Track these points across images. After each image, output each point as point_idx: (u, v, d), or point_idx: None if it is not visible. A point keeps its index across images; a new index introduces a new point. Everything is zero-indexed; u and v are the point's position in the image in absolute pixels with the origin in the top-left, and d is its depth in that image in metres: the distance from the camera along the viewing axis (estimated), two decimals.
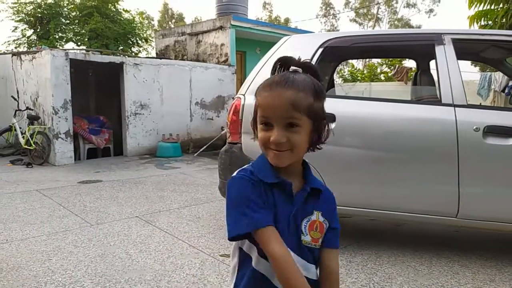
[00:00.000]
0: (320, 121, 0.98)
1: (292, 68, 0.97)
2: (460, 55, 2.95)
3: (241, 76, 10.78)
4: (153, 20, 37.75)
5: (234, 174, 1.00)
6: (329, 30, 34.57)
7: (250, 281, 0.99)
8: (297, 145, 0.94)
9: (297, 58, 1.00)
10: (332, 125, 2.83)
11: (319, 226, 1.00)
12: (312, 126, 0.96)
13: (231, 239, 0.94)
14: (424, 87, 3.72)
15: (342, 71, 22.19)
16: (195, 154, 8.34)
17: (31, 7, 12.40)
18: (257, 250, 0.98)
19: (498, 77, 10.29)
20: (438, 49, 2.86)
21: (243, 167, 1.02)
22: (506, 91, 9.38)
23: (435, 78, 3.13)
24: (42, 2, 12.38)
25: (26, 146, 7.16)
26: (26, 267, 2.75)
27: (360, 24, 35.65)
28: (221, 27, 10.02)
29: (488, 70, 12.13)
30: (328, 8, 37.60)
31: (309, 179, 1.01)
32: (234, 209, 0.94)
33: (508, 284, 2.55)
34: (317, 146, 1.01)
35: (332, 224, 1.03)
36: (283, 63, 0.99)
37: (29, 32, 12.92)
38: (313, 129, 0.97)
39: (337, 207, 1.08)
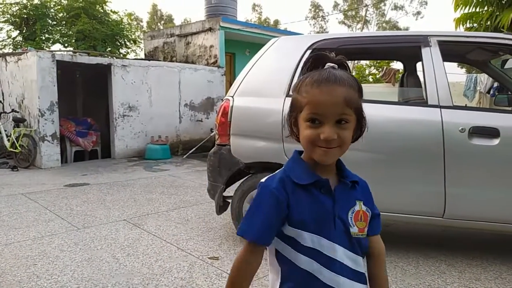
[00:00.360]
0: (362, 116, 0.99)
1: (329, 64, 0.96)
2: (446, 57, 2.99)
3: (231, 78, 10.77)
4: (142, 22, 37.57)
5: (263, 180, 1.01)
6: (318, 32, 34.77)
7: (300, 283, 0.98)
8: (345, 141, 0.95)
9: (331, 55, 0.99)
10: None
11: (363, 215, 1.02)
12: (356, 121, 0.97)
13: (239, 234, 1.00)
14: (410, 89, 3.76)
15: None
16: (184, 156, 8.30)
17: (17, 8, 12.21)
18: (292, 246, 0.98)
19: (484, 79, 10.48)
20: (424, 51, 2.89)
21: (275, 172, 1.02)
22: (491, 92, 9.55)
23: (422, 79, 3.16)
24: (28, 3, 12.20)
25: (11, 149, 7.04)
26: (10, 273, 2.69)
27: (349, 26, 35.96)
28: (210, 29, 10.00)
29: (474, 72, 12.32)
30: (317, 10, 37.85)
31: (346, 172, 1.04)
32: (252, 214, 0.99)
33: (494, 282, 2.58)
34: (357, 139, 1.04)
35: (374, 211, 1.06)
36: (318, 59, 0.98)
37: (15, 33, 12.72)
38: (357, 125, 0.98)
39: None
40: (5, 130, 7.36)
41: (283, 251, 1.00)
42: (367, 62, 21.23)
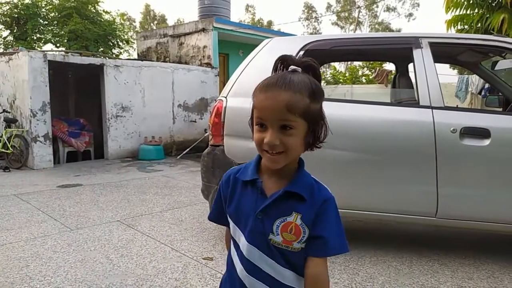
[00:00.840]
0: (317, 122, 0.97)
1: (292, 67, 0.96)
2: (437, 58, 3.03)
3: (224, 78, 10.77)
4: (134, 22, 37.39)
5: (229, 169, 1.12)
6: (311, 33, 34.88)
7: (229, 267, 1.08)
8: (290, 148, 0.93)
9: (295, 58, 0.99)
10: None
11: (295, 228, 0.96)
12: (308, 127, 0.95)
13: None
14: (402, 90, 3.80)
15: (325, 74, 22.41)
16: (178, 157, 8.28)
17: (7, 7, 12.09)
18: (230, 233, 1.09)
19: (475, 80, 10.58)
20: (416, 53, 2.92)
21: (241, 164, 1.10)
22: (483, 93, 9.65)
23: (413, 80, 3.20)
24: (19, 2, 12.08)
25: (3, 150, 6.97)
26: (2, 274, 2.67)
27: (342, 27, 36.13)
28: (203, 29, 9.99)
29: (466, 73, 12.45)
30: (310, 11, 37.97)
31: (293, 181, 0.98)
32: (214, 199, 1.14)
33: (486, 281, 2.62)
34: (316, 146, 1.01)
35: (314, 232, 0.96)
36: (283, 62, 0.98)
37: (6, 33, 12.60)
38: (309, 131, 0.96)
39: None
40: None
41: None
42: (360, 63, 21.34)
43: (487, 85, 9.06)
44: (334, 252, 0.97)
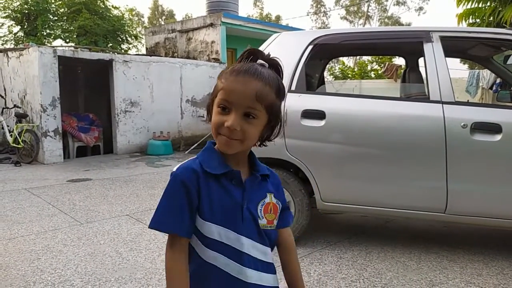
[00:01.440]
0: (276, 119, 0.99)
1: (260, 61, 0.97)
2: (448, 53, 2.98)
3: None
4: (143, 17, 37.51)
5: (174, 169, 1.00)
6: (319, 28, 34.66)
7: (203, 278, 0.96)
8: (248, 137, 0.94)
9: (266, 53, 1.00)
10: (322, 122, 2.84)
11: (273, 207, 1.03)
12: (268, 121, 0.97)
13: (151, 227, 0.97)
14: (412, 85, 3.75)
15: (333, 69, 22.28)
16: (186, 152, 8.31)
17: (18, 3, 12.19)
18: (200, 240, 0.96)
19: (486, 75, 10.43)
20: (426, 47, 2.88)
21: (188, 160, 1.01)
22: (494, 88, 9.52)
23: (424, 75, 3.16)
24: None
25: (14, 145, 7.06)
26: (14, 267, 2.72)
27: (351, 22, 35.82)
28: (211, 24, 9.98)
29: (476, 67, 12.28)
30: (318, 6, 37.68)
31: (257, 166, 1.04)
32: (164, 205, 0.96)
33: (495, 278, 2.59)
34: (264, 142, 1.02)
35: (283, 204, 1.07)
36: (252, 55, 0.99)
37: (16, 29, 12.72)
38: (267, 125, 0.98)
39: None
40: (8, 126, 7.39)
41: (193, 245, 0.97)
42: (369, 57, 21.16)
43: (498, 80, 8.93)
44: (292, 220, 1.18)
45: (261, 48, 3.23)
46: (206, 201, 0.95)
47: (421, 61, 3.48)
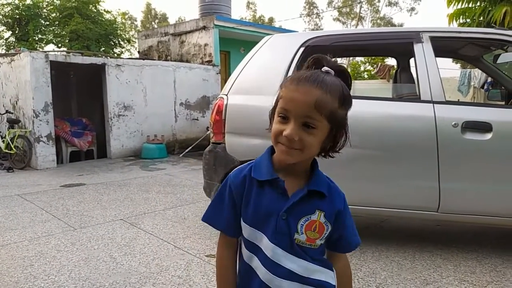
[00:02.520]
0: (340, 128, 0.96)
1: (325, 68, 0.94)
2: (439, 53, 3.01)
3: (226, 76, 10.76)
4: (136, 21, 37.44)
5: (235, 169, 1.05)
6: (313, 29, 34.79)
7: (243, 275, 1.03)
8: (308, 147, 0.91)
9: (332, 59, 0.97)
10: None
11: (319, 226, 0.97)
12: (330, 131, 0.93)
13: (203, 220, 1.07)
14: (404, 85, 3.78)
15: None
16: (181, 155, 8.29)
17: (9, 8, 12.14)
18: (242, 240, 1.02)
19: (478, 74, 10.53)
20: (417, 47, 2.91)
21: (247, 163, 1.04)
22: (485, 87, 9.61)
23: (415, 75, 3.19)
24: (20, 3, 12.12)
25: (6, 150, 7.01)
26: (7, 273, 2.69)
27: (344, 23, 35.98)
28: (204, 27, 9.98)
29: (468, 67, 12.38)
30: (311, 7, 37.85)
31: (313, 180, 0.98)
32: (214, 203, 1.05)
33: (489, 275, 2.61)
34: (330, 154, 1.00)
35: (338, 231, 1.01)
36: (317, 61, 0.96)
37: (7, 34, 12.66)
38: (330, 135, 0.94)
39: None
40: (0, 132, 7.33)
41: (241, 245, 1.04)
42: (362, 58, 21.28)
43: (489, 79, 9.02)
44: (355, 247, 1.07)
45: (253, 50, 3.25)
46: (246, 204, 0.99)
47: (412, 61, 3.51)
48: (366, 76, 19.85)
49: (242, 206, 1.00)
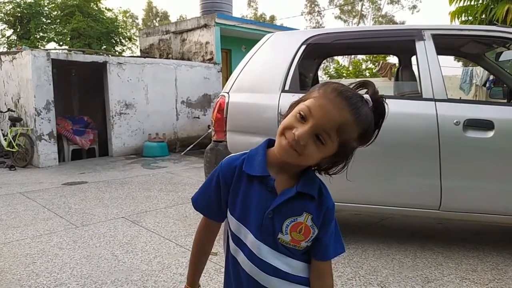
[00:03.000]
0: (344, 157, 0.95)
1: (366, 96, 0.92)
2: (440, 50, 3.00)
3: (227, 74, 10.75)
4: (137, 19, 37.40)
5: (228, 156, 1.04)
6: (314, 27, 34.71)
7: (231, 267, 1.04)
8: (307, 156, 0.89)
9: (375, 91, 0.95)
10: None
11: (305, 229, 0.96)
12: (334, 154, 0.92)
13: (192, 200, 1.08)
14: (406, 83, 3.78)
15: (328, 68, 22.31)
16: (182, 153, 8.30)
17: (10, 6, 12.14)
18: (229, 231, 1.02)
19: (479, 72, 10.49)
20: (419, 45, 2.90)
21: (242, 152, 1.03)
22: (487, 85, 9.58)
23: (417, 73, 3.18)
24: (22, 2, 12.13)
25: (8, 149, 7.03)
26: (9, 271, 2.70)
27: (345, 21, 35.91)
28: (205, 25, 9.97)
29: (470, 65, 12.34)
30: (313, 5, 37.76)
31: (303, 181, 0.96)
32: (202, 187, 1.07)
33: (490, 273, 2.61)
34: (324, 173, 1.00)
35: (321, 233, 0.98)
36: (364, 86, 0.95)
37: (9, 32, 12.68)
38: (332, 157, 0.93)
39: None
40: (2, 130, 7.35)
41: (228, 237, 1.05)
42: (364, 56, 21.23)
43: (491, 77, 8.99)
44: (333, 255, 1.01)
45: (254, 48, 3.25)
46: (233, 196, 0.99)
47: (414, 59, 3.50)
48: (367, 74, 19.80)
49: (229, 197, 1.00)
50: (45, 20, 12.69)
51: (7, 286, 2.49)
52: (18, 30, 12.40)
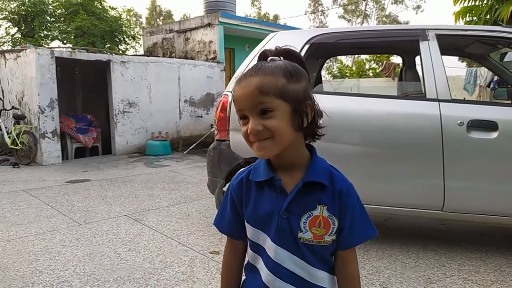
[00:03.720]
0: (300, 102, 0.90)
1: (269, 58, 0.93)
2: (445, 51, 2.99)
3: (230, 73, 10.76)
4: (140, 18, 37.48)
5: (236, 173, 1.06)
6: (317, 27, 34.66)
7: (247, 275, 1.04)
8: (276, 131, 0.87)
9: (272, 50, 0.95)
10: (319, 122, 2.84)
11: (323, 221, 0.92)
12: (291, 108, 0.89)
13: (214, 224, 1.09)
14: (409, 83, 3.76)
15: (331, 68, 22.28)
16: (185, 152, 8.31)
17: (15, 4, 12.19)
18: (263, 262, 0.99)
19: (484, 72, 10.45)
20: (423, 45, 2.89)
21: (248, 166, 1.03)
22: (492, 86, 9.54)
23: (420, 73, 3.17)
24: (26, 0, 12.17)
25: (12, 146, 7.06)
26: (12, 268, 2.72)
27: (349, 20, 35.84)
28: (209, 24, 9.97)
29: (474, 65, 12.29)
30: (316, 5, 37.70)
31: (308, 171, 0.94)
32: (220, 209, 1.07)
33: (493, 275, 2.60)
34: (317, 132, 0.96)
35: (342, 222, 0.94)
36: (262, 56, 0.96)
37: (13, 30, 12.72)
38: (294, 112, 0.89)
39: None
40: (6, 127, 7.38)
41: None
42: (367, 56, 21.18)
43: (496, 78, 8.95)
44: (360, 241, 0.97)
45: (257, 48, 3.25)
46: (246, 206, 0.99)
47: (418, 59, 3.49)
48: (371, 74, 19.76)
49: (243, 208, 0.99)
50: (49, 19, 12.73)
51: (10, 282, 2.51)
52: (22, 28, 12.45)
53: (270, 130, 0.87)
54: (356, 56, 22.52)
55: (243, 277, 1.05)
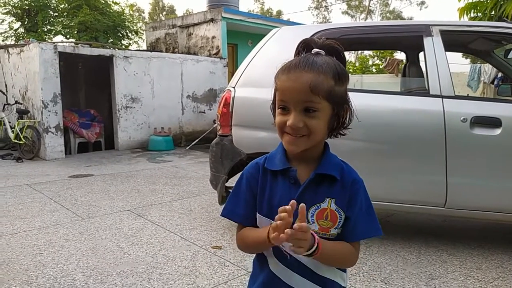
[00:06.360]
0: (341, 105, 0.93)
1: (315, 50, 0.93)
2: (449, 47, 2.98)
3: (233, 69, 10.74)
4: (143, 13, 37.42)
5: (247, 165, 1.04)
6: (321, 22, 34.50)
7: (256, 265, 1.03)
8: (314, 131, 0.90)
9: (318, 41, 0.95)
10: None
11: (331, 214, 0.94)
12: (332, 110, 0.92)
13: (223, 216, 1.05)
14: (413, 79, 3.75)
15: None
16: (187, 148, 8.33)
17: None
18: (272, 250, 0.98)
19: (488, 69, 10.40)
20: (426, 41, 2.88)
21: (263, 155, 1.03)
22: (495, 82, 9.49)
23: (424, 69, 3.16)
24: None
25: (15, 141, 7.09)
26: (16, 261, 2.74)
27: (352, 16, 35.66)
28: (212, 20, 9.95)
29: (478, 62, 12.23)
30: (320, 0, 37.50)
31: (321, 163, 0.96)
32: (232, 197, 1.03)
33: (495, 271, 2.60)
34: (340, 132, 0.98)
35: (348, 214, 0.95)
36: (306, 45, 0.95)
37: (17, 25, 12.72)
38: (333, 114, 0.93)
39: None
40: (9, 122, 7.41)
41: None
42: (371, 52, 21.10)
43: (500, 74, 8.90)
44: (363, 236, 0.99)
45: (260, 43, 3.24)
46: (261, 194, 0.98)
47: (421, 55, 3.47)
48: (374, 70, 19.69)
49: (258, 196, 0.99)
50: (52, 13, 12.72)
51: (14, 276, 2.53)
52: (25, 23, 12.45)
53: (309, 128, 0.90)
54: (359, 52, 22.43)
55: (251, 270, 1.06)
